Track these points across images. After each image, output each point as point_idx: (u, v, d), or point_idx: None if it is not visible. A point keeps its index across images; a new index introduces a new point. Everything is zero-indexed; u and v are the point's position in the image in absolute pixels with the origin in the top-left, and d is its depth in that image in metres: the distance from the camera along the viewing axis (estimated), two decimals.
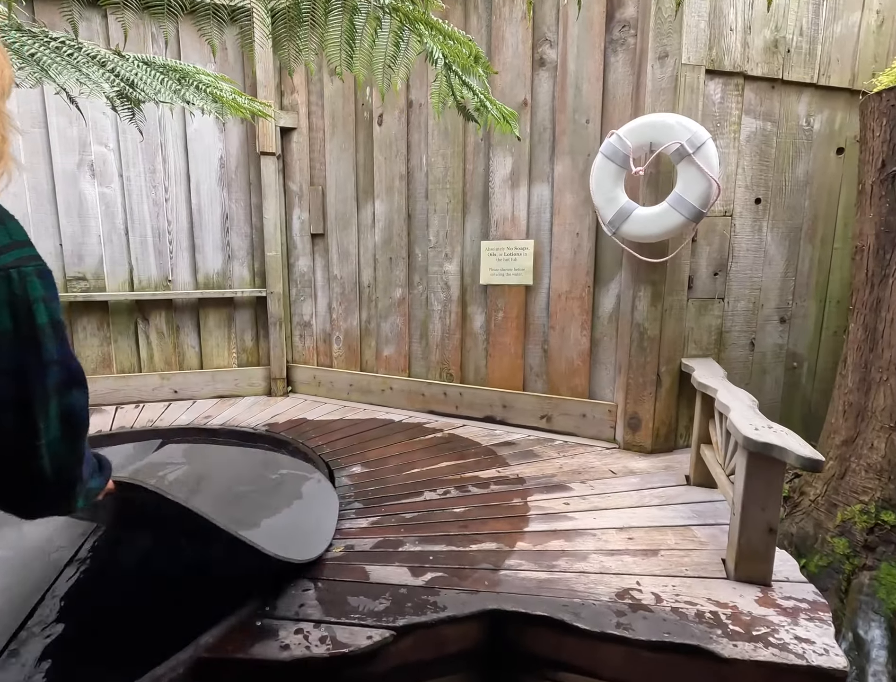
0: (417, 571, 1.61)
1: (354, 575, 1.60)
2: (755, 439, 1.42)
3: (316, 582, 1.56)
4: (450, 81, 1.78)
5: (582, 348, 2.80)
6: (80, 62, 1.65)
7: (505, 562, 1.66)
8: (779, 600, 1.46)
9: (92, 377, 3.45)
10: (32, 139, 3.19)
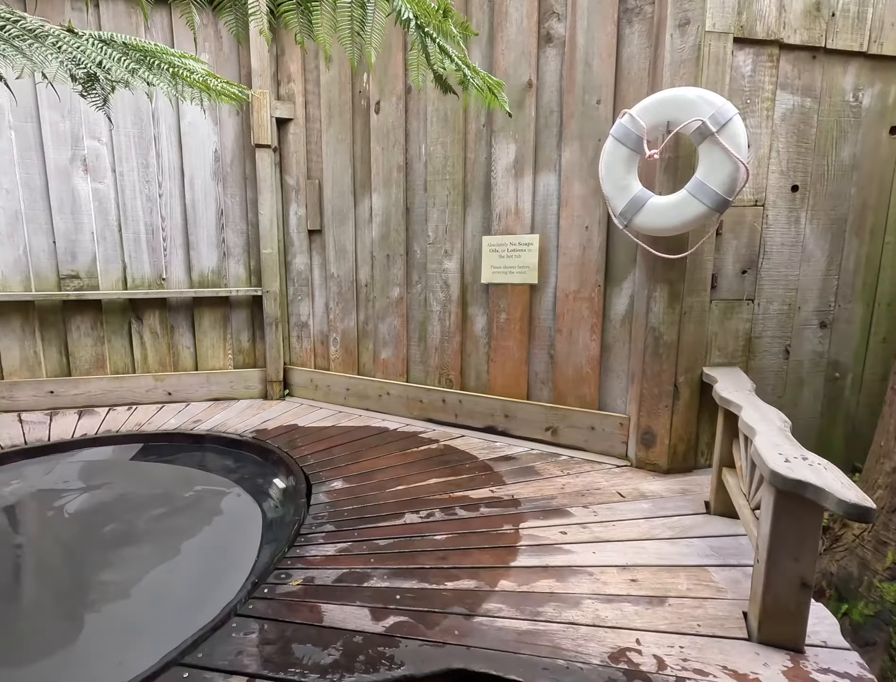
0: (380, 613, 1.40)
1: (307, 616, 1.39)
2: (785, 475, 1.15)
3: (263, 624, 1.36)
4: (424, 46, 1.55)
5: (591, 353, 2.53)
6: (13, 36, 1.49)
7: (482, 606, 1.42)
8: (813, 672, 1.18)
9: (86, 378, 3.37)
10: (24, 134, 3.11)
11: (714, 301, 2.26)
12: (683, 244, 2.14)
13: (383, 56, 2.94)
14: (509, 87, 2.57)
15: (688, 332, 2.24)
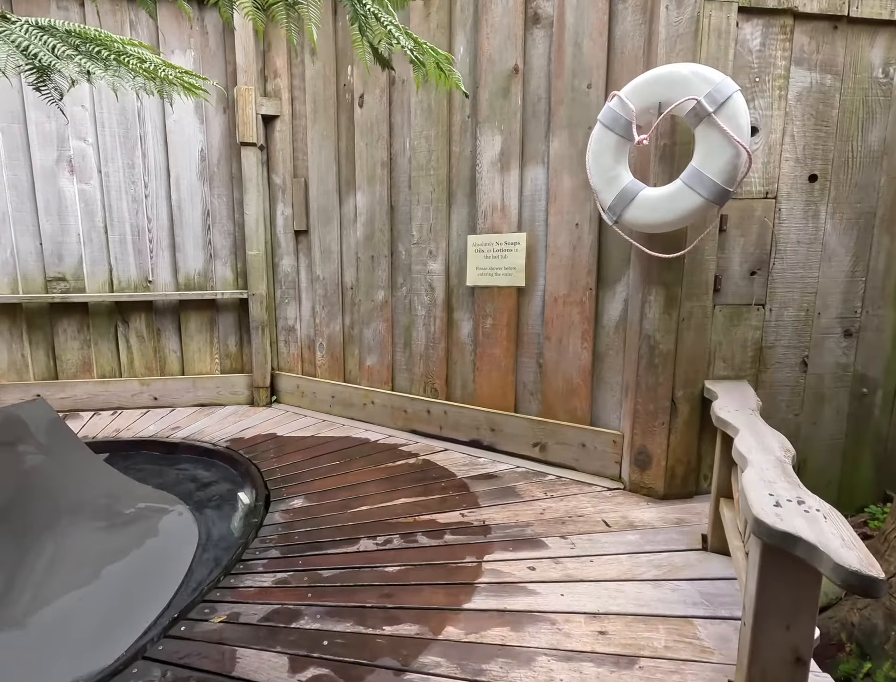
0: (300, 663, 1.22)
1: (218, 663, 1.22)
2: (771, 526, 0.92)
3: (166, 670, 1.20)
4: (355, 11, 1.38)
5: (582, 363, 2.30)
6: None
7: (418, 659, 1.23)
8: None
9: (72, 382, 3.32)
10: (11, 135, 3.09)
11: (718, 306, 2.01)
12: (680, 242, 1.90)
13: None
14: (494, 73, 2.38)
15: (686, 341, 1.99)
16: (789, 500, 1.01)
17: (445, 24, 2.49)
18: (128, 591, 1.34)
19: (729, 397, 1.78)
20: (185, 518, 1.74)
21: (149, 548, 1.53)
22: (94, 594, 1.21)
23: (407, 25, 2.57)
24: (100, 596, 1.22)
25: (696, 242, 1.84)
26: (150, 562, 1.48)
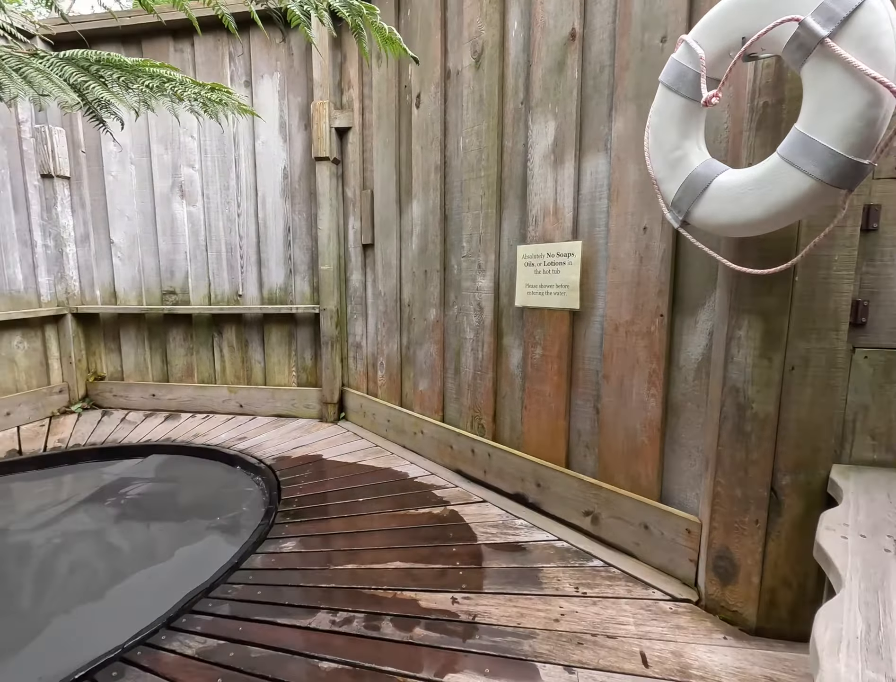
0: None
1: None
2: None
3: None
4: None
5: (650, 415, 1.69)
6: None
7: None
8: None
9: (179, 385, 3.68)
10: (141, 167, 3.53)
11: (861, 350, 1.27)
12: (788, 249, 1.24)
13: (422, 37, 2.52)
14: (548, 45, 1.92)
15: (798, 400, 1.29)
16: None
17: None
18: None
19: (867, 502, 1.08)
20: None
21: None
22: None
23: (460, 5, 2.25)
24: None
25: (809, 247, 1.16)
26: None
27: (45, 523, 2.15)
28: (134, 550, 2.01)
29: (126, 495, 2.43)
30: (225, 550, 1.89)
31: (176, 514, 2.32)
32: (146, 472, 2.68)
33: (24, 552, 1.94)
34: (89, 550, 2.01)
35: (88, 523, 2.19)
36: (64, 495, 2.46)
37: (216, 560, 1.76)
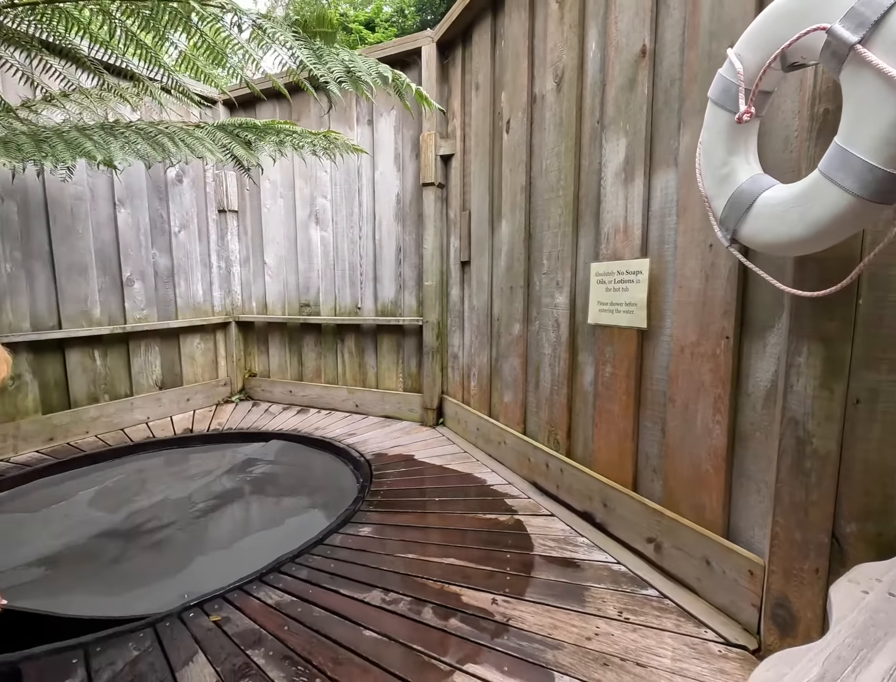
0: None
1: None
2: None
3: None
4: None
5: (714, 443, 1.59)
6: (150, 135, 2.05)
7: None
8: None
9: (309, 384, 4.28)
10: (287, 199, 4.22)
11: None
12: (847, 269, 1.12)
13: (512, 65, 2.66)
14: (620, 63, 1.92)
15: (866, 439, 1.14)
16: None
17: (577, 22, 2.15)
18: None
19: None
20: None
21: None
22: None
23: (544, 32, 2.35)
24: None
25: (858, 270, 1.04)
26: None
27: (197, 488, 2.73)
28: (253, 515, 2.47)
29: (253, 472, 2.95)
30: (317, 525, 2.21)
31: (288, 490, 2.76)
32: (271, 454, 3.21)
33: (180, 507, 2.51)
34: (223, 511, 2.51)
35: (225, 490, 2.72)
36: (213, 466, 3.07)
37: (308, 533, 2.09)
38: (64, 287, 3.32)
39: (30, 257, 3.15)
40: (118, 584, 1.90)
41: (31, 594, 1.81)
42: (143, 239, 3.79)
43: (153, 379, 3.94)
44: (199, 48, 1.75)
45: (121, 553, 2.10)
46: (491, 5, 2.81)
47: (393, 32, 7.61)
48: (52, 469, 2.93)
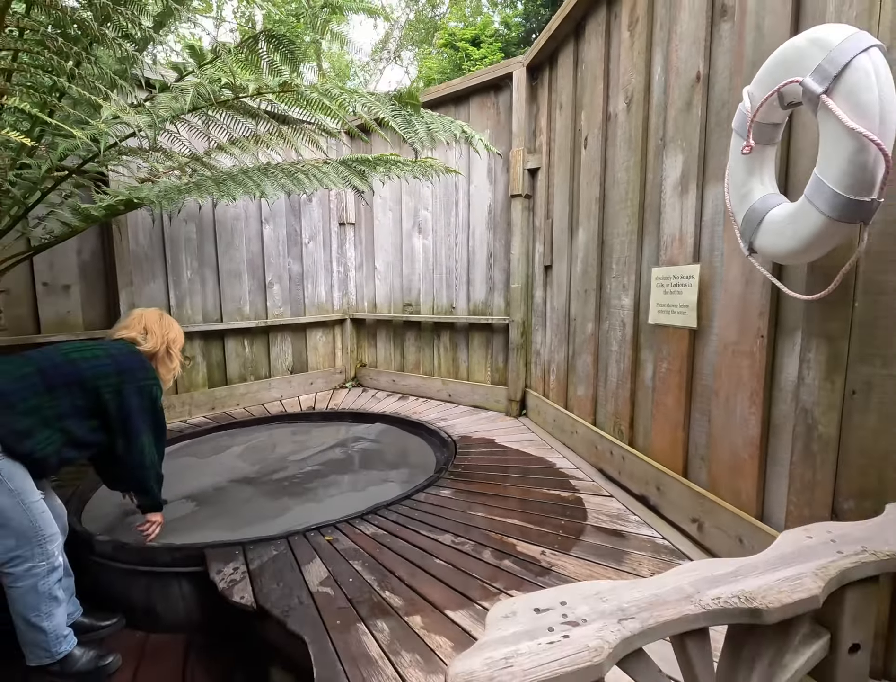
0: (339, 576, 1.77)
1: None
2: None
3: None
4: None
5: (750, 433, 1.76)
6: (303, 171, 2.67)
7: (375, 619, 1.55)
8: None
9: (409, 374, 4.85)
10: (395, 212, 4.83)
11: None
12: (845, 274, 1.28)
13: (590, 87, 2.90)
14: (679, 86, 2.13)
15: (860, 425, 1.29)
16: None
17: (645, 49, 2.36)
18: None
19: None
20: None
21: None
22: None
23: (617, 57, 2.59)
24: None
25: (839, 278, 1.21)
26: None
27: (315, 452, 3.38)
28: (357, 476, 3.03)
29: (359, 445, 3.54)
30: (407, 487, 2.68)
31: (386, 460, 3.29)
32: (374, 433, 3.78)
33: (301, 465, 3.15)
34: (333, 471, 3.10)
35: (336, 456, 3.34)
36: (328, 438, 3.72)
37: (399, 492, 2.57)
38: (224, 289, 4.22)
39: (203, 266, 4.08)
40: (254, 515, 2.53)
41: (198, 510, 2.51)
42: (281, 249, 4.63)
43: (286, 365, 4.78)
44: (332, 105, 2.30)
45: (256, 494, 2.76)
46: (573, 33, 3.08)
47: (497, 47, 8.01)
48: (213, 430, 3.78)
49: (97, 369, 1.84)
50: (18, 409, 1.63)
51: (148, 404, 1.97)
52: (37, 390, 1.69)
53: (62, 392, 1.75)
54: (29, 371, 1.71)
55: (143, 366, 2.00)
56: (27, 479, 1.63)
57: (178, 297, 3.93)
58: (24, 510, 1.60)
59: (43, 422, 1.68)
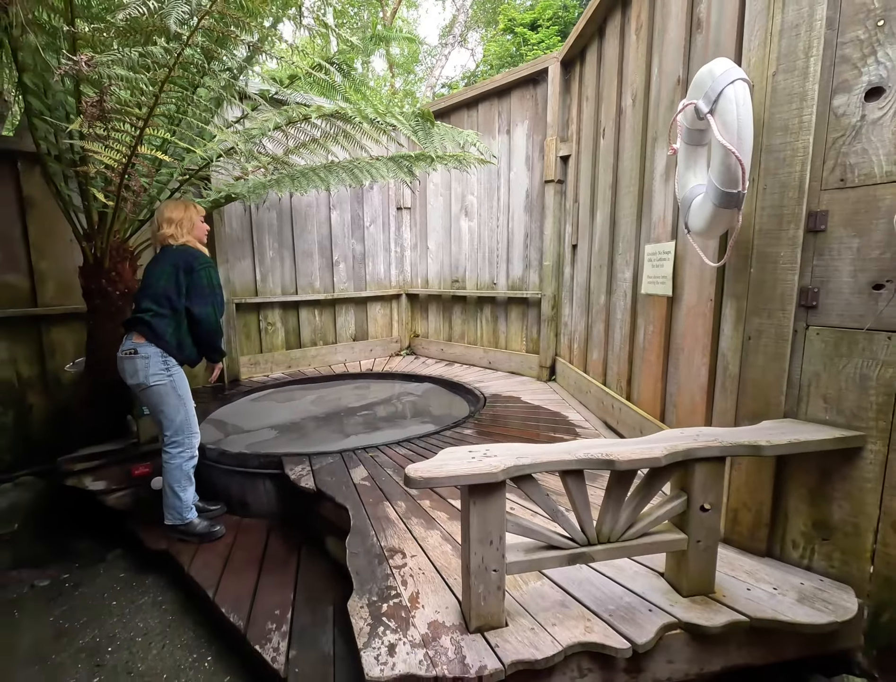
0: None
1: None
2: None
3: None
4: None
5: (701, 380, 2.15)
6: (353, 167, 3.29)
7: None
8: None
9: (455, 344, 5.42)
10: (445, 199, 5.36)
11: (814, 328, 1.57)
12: (745, 248, 1.67)
13: (608, 84, 3.24)
14: (665, 89, 2.48)
15: (753, 365, 1.69)
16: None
17: (646, 52, 2.70)
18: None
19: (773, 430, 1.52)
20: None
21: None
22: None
23: (628, 59, 2.94)
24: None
25: (729, 249, 1.60)
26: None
27: (371, 402, 4.06)
28: (402, 419, 3.66)
29: (408, 398, 4.18)
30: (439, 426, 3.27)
31: (427, 410, 3.91)
32: (421, 390, 4.41)
33: (359, 410, 3.84)
34: (384, 415, 3.76)
35: (389, 405, 4.00)
36: (383, 392, 4.40)
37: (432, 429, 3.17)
38: (299, 266, 4.99)
39: (282, 247, 4.86)
40: (319, 440, 3.23)
41: (279, 436, 3.26)
42: (346, 231, 5.33)
43: (349, 333, 5.52)
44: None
45: (321, 427, 3.48)
46: (598, 33, 3.41)
47: (554, 31, 8.17)
48: (290, 384, 4.58)
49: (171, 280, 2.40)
50: (184, 329, 2.40)
51: (206, 283, 2.41)
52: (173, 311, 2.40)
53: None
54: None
55: (193, 256, 2.41)
56: (188, 386, 2.40)
57: (263, 273, 4.74)
58: (185, 410, 2.36)
59: (186, 333, 2.41)
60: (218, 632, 2.14)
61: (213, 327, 2.47)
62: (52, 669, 2.06)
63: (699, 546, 1.48)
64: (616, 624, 1.40)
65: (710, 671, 1.46)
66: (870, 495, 1.49)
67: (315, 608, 2.03)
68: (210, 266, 2.46)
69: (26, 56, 2.34)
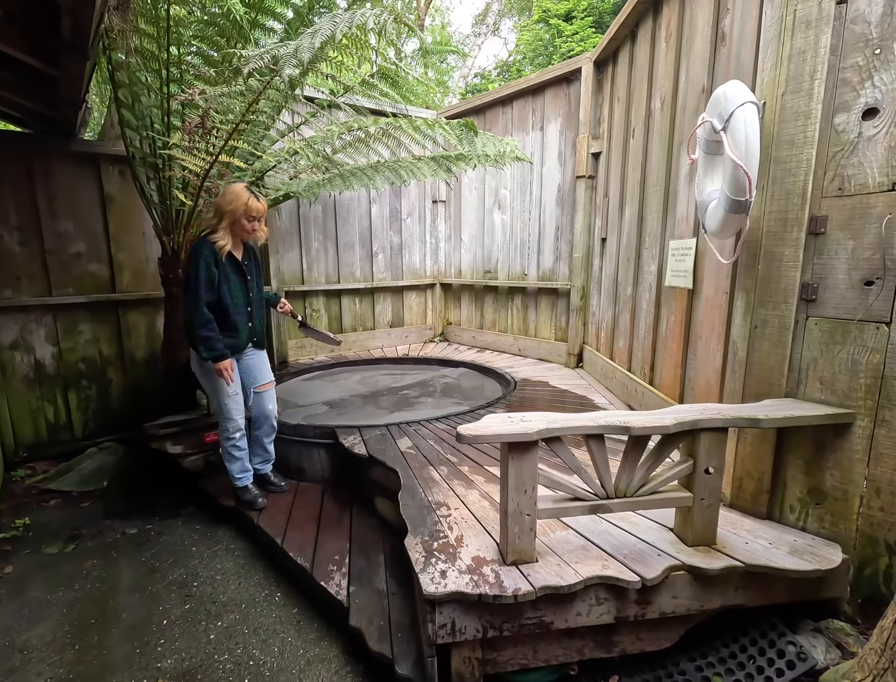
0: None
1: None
2: None
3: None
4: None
5: (716, 365, 2.38)
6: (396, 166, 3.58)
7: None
8: None
9: (486, 331, 5.70)
10: (479, 193, 5.60)
11: (813, 319, 1.79)
12: (755, 248, 1.89)
13: (638, 87, 3.42)
14: (691, 95, 2.67)
15: (759, 351, 1.91)
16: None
17: (674, 59, 2.88)
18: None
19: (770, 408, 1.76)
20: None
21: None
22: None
23: (658, 64, 3.12)
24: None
25: (739, 248, 1.83)
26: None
27: (409, 383, 4.39)
28: (438, 400, 3.98)
29: (443, 381, 4.49)
30: (473, 405, 3.57)
31: (462, 392, 4.21)
32: (455, 374, 4.71)
33: (399, 391, 4.17)
34: (422, 395, 4.08)
35: (425, 387, 4.32)
36: (419, 375, 4.73)
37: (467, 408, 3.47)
38: (341, 257, 5.34)
39: (325, 239, 5.21)
40: (366, 414, 3.58)
41: (330, 411, 3.62)
42: (385, 224, 5.64)
43: (386, 320, 5.86)
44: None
45: (367, 404, 3.82)
46: (630, 36, 3.58)
47: (588, 22, 8.21)
48: (334, 366, 4.96)
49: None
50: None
51: (191, 273, 2.44)
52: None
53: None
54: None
55: (195, 246, 2.48)
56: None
57: (308, 263, 5.11)
58: (217, 399, 2.67)
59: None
60: (285, 573, 2.51)
61: (188, 317, 2.48)
62: (151, 596, 2.47)
63: (703, 503, 1.74)
64: (629, 564, 1.68)
65: (711, 609, 1.72)
66: (857, 465, 1.71)
67: (368, 555, 2.37)
68: (198, 257, 2.42)
69: (123, 75, 2.71)
